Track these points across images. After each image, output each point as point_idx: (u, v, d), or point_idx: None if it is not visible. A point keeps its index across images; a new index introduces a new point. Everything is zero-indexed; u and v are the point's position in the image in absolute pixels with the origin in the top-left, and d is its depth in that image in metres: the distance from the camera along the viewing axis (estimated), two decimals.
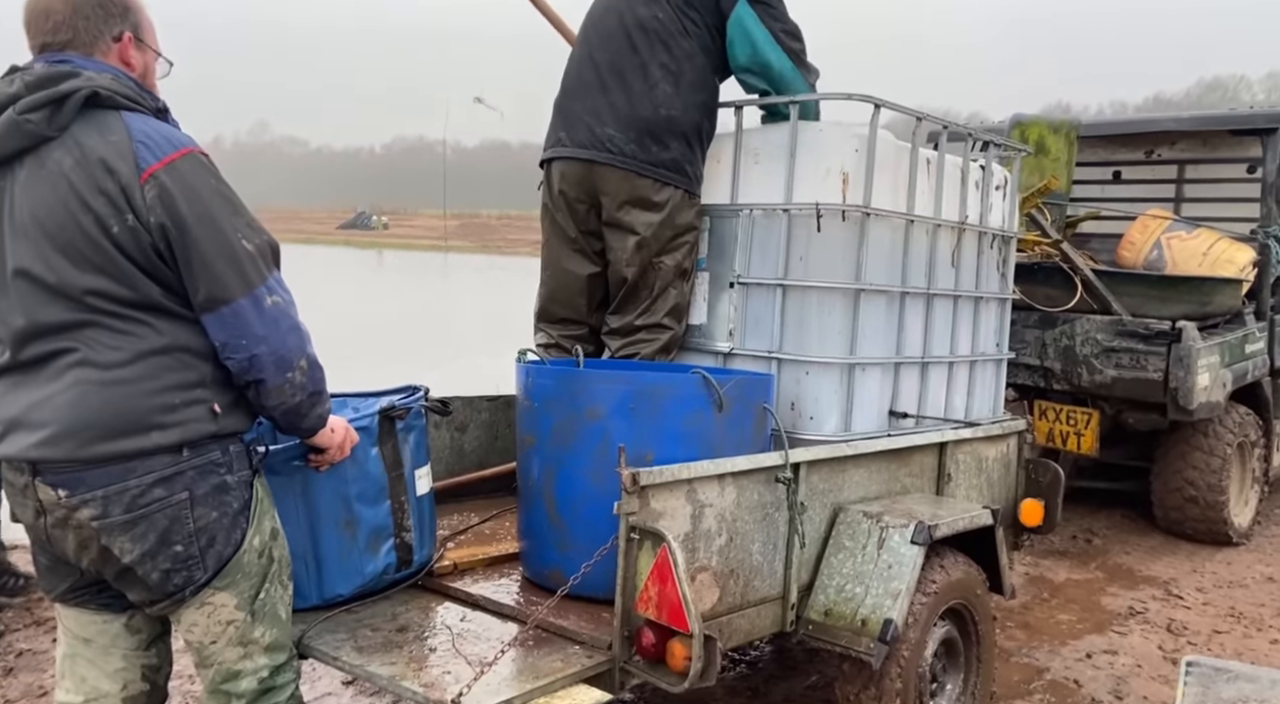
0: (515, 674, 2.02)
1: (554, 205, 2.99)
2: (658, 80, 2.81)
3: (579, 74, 2.94)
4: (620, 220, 2.87)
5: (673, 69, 2.83)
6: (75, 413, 1.64)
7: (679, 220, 2.87)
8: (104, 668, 1.86)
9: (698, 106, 2.87)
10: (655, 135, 2.81)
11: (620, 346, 2.97)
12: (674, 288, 2.93)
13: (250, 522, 1.81)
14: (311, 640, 2.15)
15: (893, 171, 2.85)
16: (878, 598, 2.42)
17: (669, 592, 2.00)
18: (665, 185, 2.84)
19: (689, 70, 2.85)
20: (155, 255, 1.67)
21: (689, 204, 2.89)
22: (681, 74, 2.84)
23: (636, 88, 2.82)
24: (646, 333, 2.94)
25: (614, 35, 2.88)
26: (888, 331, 2.92)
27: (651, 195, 2.83)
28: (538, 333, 3.15)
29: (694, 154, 2.89)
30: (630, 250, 2.87)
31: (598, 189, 2.88)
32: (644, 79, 2.82)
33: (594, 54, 2.91)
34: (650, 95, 2.81)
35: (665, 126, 2.81)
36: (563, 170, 2.93)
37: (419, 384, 2.59)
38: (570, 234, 2.98)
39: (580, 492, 2.33)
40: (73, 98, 1.64)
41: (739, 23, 2.86)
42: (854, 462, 2.67)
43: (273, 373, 1.74)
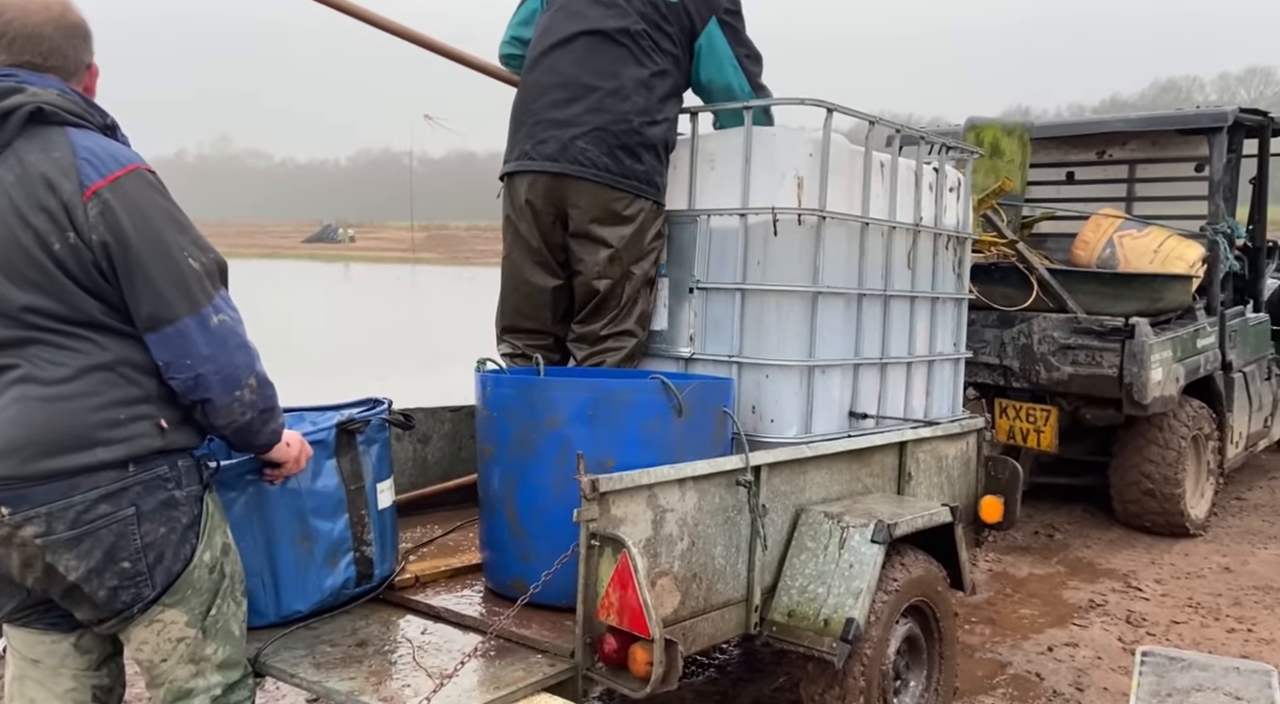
0: (476, 685, 2.00)
1: (517, 216, 2.96)
2: (630, 93, 2.81)
3: (540, 83, 2.92)
4: (591, 233, 2.86)
5: (646, 82, 2.83)
6: (17, 430, 1.61)
7: (650, 231, 2.89)
8: (53, 689, 1.83)
9: (668, 120, 2.90)
10: (629, 148, 2.81)
11: (587, 355, 2.96)
12: (641, 296, 2.94)
13: (200, 537, 1.78)
14: (268, 658, 2.12)
15: (847, 175, 2.88)
16: (840, 597, 2.43)
17: (630, 597, 2.00)
18: (638, 198, 2.84)
19: (660, 84, 2.86)
20: (97, 273, 1.64)
21: (657, 214, 2.92)
22: (654, 87, 2.85)
23: (609, 100, 2.81)
24: (613, 341, 2.94)
25: (578, 46, 2.87)
26: (846, 333, 2.94)
27: (623, 209, 2.83)
28: (501, 343, 3.13)
29: (662, 166, 2.92)
30: (603, 263, 2.87)
31: (567, 201, 2.87)
32: (617, 91, 2.81)
33: (557, 64, 2.90)
34: (624, 108, 2.80)
35: (639, 140, 2.82)
36: (530, 182, 2.90)
37: (381, 397, 2.57)
38: (534, 245, 2.97)
39: (541, 500, 2.32)
40: (16, 114, 1.61)
41: (709, 41, 2.90)
42: (815, 463, 2.69)
43: (220, 392, 1.72)
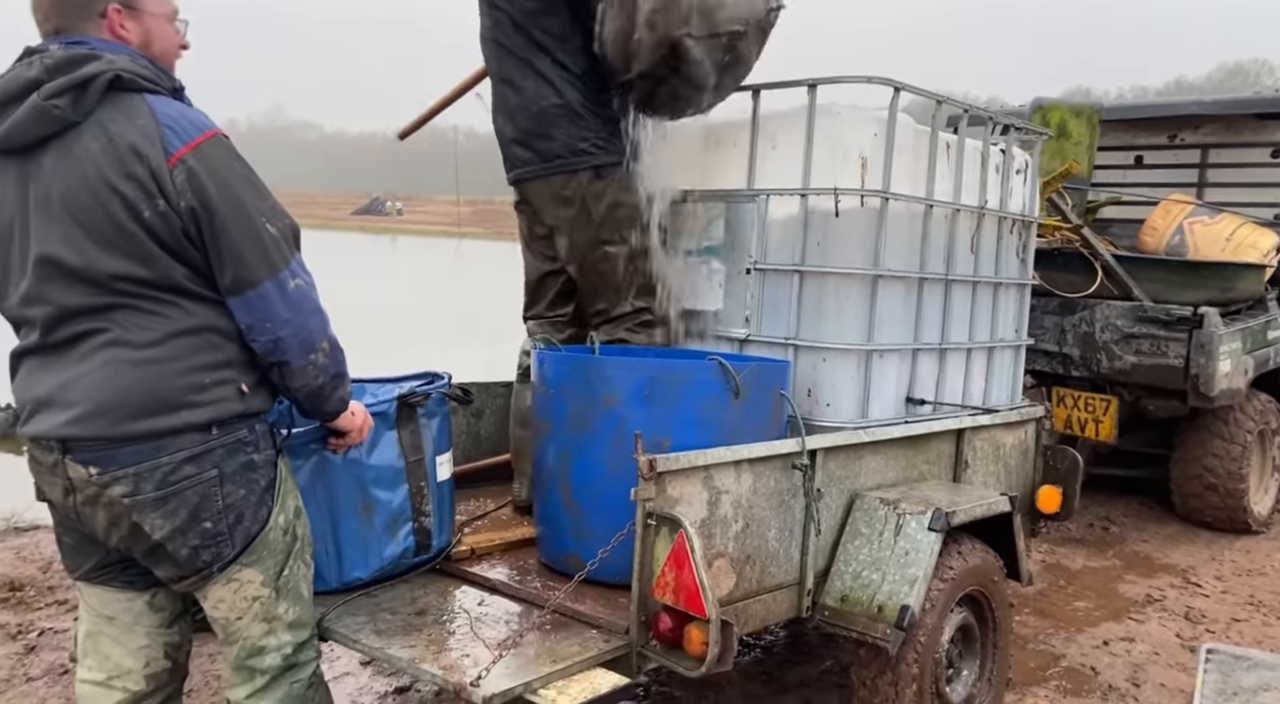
0: (533, 657, 2.03)
1: (517, 210, 3.03)
2: (530, 76, 2.74)
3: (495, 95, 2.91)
4: (550, 224, 2.88)
5: (543, 60, 2.73)
6: (107, 392, 1.65)
7: (598, 205, 2.77)
8: (127, 645, 1.89)
9: (572, 81, 2.72)
10: (537, 132, 2.75)
11: (605, 339, 2.94)
12: (634, 270, 2.86)
13: (275, 499, 1.83)
14: (331, 623, 2.17)
15: (912, 156, 2.83)
16: (894, 585, 2.41)
17: (686, 577, 2.01)
18: (570, 174, 2.75)
19: (558, 51, 2.73)
20: (185, 239, 1.67)
21: (601, 183, 2.75)
22: (551, 56, 2.73)
23: (517, 92, 2.77)
24: (627, 321, 2.91)
25: (494, 48, 2.83)
26: (905, 318, 2.90)
27: (560, 190, 2.78)
28: (526, 323, 3.15)
29: (584, 129, 2.72)
30: (565, 250, 2.87)
31: (530, 203, 2.91)
32: (522, 79, 2.75)
33: (492, 73, 2.88)
34: (526, 96, 2.74)
35: (543, 119, 2.73)
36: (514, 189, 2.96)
37: (441, 371, 2.60)
38: (528, 238, 3.04)
39: (597, 478, 2.33)
40: (96, 82, 1.63)
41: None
42: (871, 448, 2.67)
43: (296, 355, 1.76)
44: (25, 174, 1.67)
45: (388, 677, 3.22)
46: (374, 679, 3.21)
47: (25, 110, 1.63)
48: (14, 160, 1.67)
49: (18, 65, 1.68)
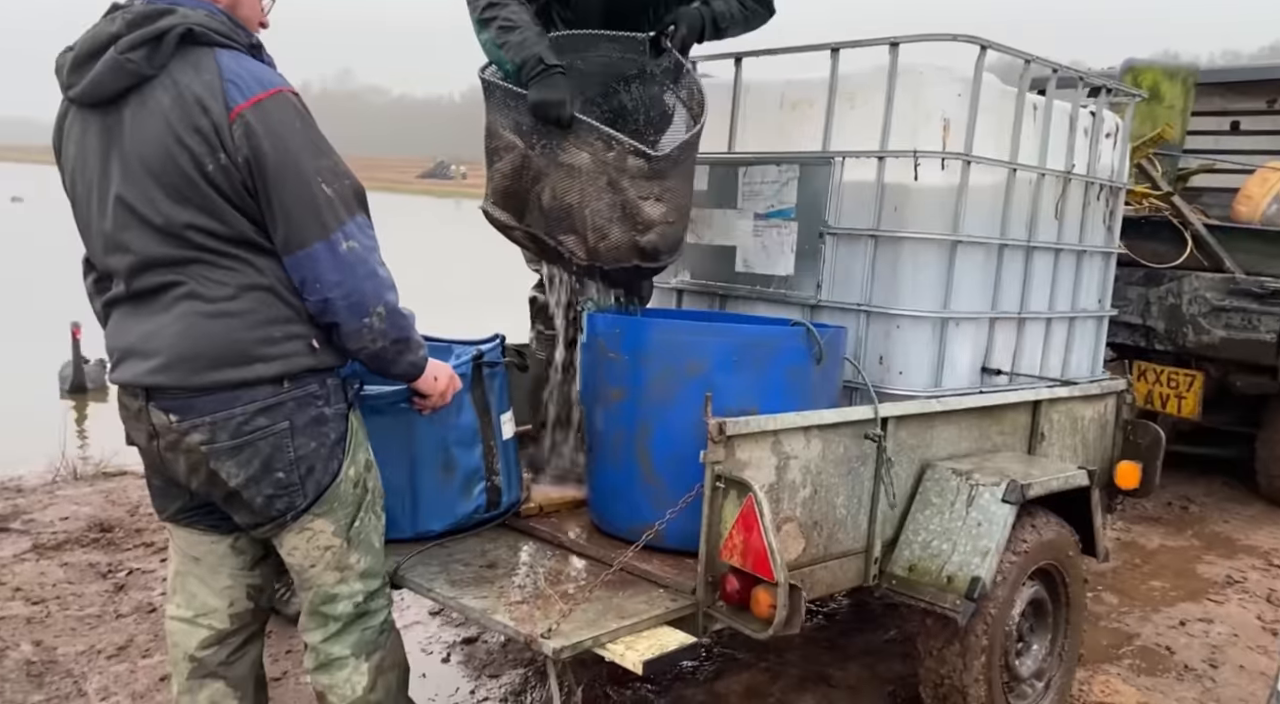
0: (601, 613, 2.06)
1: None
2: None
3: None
4: None
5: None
6: (185, 343, 1.70)
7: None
8: (212, 585, 1.96)
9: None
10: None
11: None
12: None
13: (346, 453, 1.87)
14: (406, 572, 2.23)
15: (996, 117, 2.73)
16: (965, 555, 2.38)
17: (754, 540, 2.01)
18: None
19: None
20: (246, 193, 1.69)
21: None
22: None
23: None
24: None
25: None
26: (984, 285, 2.83)
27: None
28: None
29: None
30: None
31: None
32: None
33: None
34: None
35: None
36: None
37: (498, 332, 2.63)
38: None
39: (680, 447, 2.27)
40: (169, 35, 1.65)
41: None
42: (943, 418, 2.62)
43: (347, 318, 1.75)
44: (107, 127, 1.71)
45: (455, 627, 3.30)
46: (442, 629, 3.30)
47: (104, 64, 1.66)
48: (97, 114, 1.72)
49: (102, 20, 1.71)
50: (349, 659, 1.92)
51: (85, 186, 1.76)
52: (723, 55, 3.10)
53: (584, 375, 2.69)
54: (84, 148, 1.74)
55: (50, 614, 3.24)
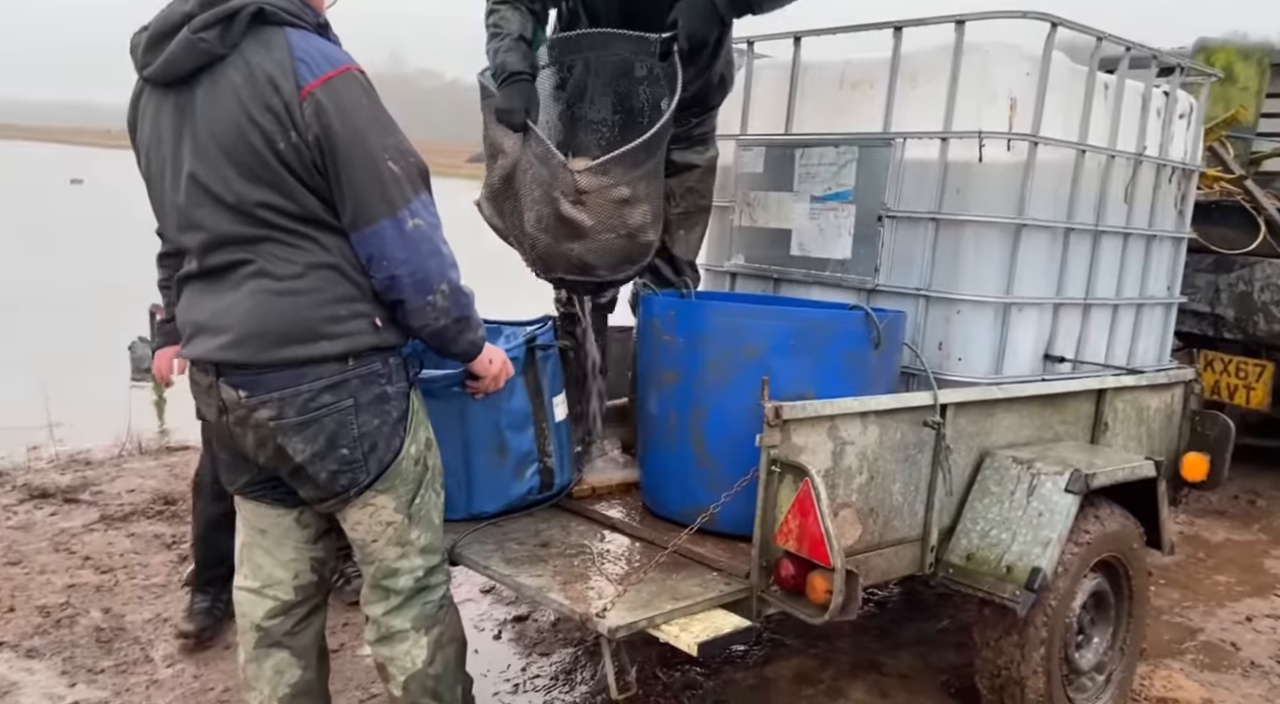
0: (655, 595, 2.06)
1: None
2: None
3: None
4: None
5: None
6: (254, 320, 1.72)
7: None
8: (277, 557, 2.00)
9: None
10: None
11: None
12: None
13: (407, 430, 1.89)
14: (462, 550, 2.26)
15: (1065, 97, 2.65)
16: (1025, 545, 2.33)
17: (811, 525, 1.99)
18: None
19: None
20: (315, 171, 1.71)
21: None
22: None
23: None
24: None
25: None
26: (1049, 270, 2.76)
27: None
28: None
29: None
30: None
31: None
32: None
33: None
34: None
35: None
36: None
37: (547, 314, 2.63)
38: None
39: (735, 430, 2.26)
40: (241, 14, 1.67)
41: None
42: (1004, 405, 2.56)
43: (412, 294, 1.77)
44: (180, 107, 1.74)
45: (506, 605, 3.34)
46: (493, 607, 3.34)
47: (177, 43, 1.68)
48: (171, 93, 1.74)
49: (176, 0, 1.74)
50: (409, 632, 1.95)
51: (159, 165, 1.79)
52: (781, 35, 3.05)
53: (638, 358, 2.68)
54: (158, 126, 1.77)
55: (118, 582, 3.34)
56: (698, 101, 2.70)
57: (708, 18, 2.47)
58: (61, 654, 2.86)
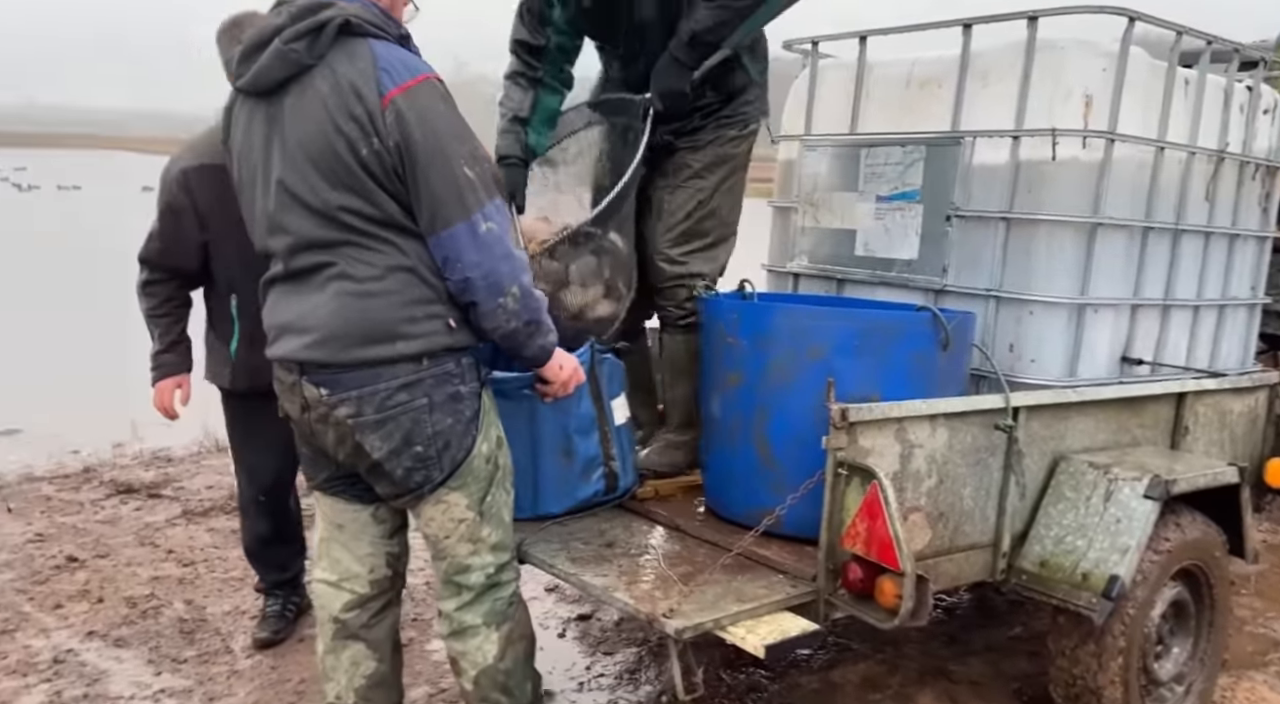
0: (721, 596, 2.06)
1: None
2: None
3: None
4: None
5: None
6: (336, 320, 1.78)
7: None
8: (354, 551, 2.06)
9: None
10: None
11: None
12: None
13: (479, 429, 1.93)
14: (529, 548, 2.30)
15: (1143, 93, 2.58)
16: (1102, 552, 2.28)
17: (879, 529, 1.97)
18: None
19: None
20: (395, 177, 1.76)
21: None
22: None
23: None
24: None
25: None
26: (1126, 270, 2.69)
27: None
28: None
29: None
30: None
31: None
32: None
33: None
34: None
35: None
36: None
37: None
38: None
39: (799, 432, 2.26)
40: (328, 26, 1.74)
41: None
42: (1079, 409, 2.50)
43: (485, 297, 1.81)
44: (270, 116, 1.81)
45: (570, 604, 3.38)
46: (557, 605, 3.37)
47: (269, 54, 1.76)
48: (263, 102, 1.82)
49: (269, 14, 1.82)
50: (480, 628, 1.99)
51: (250, 171, 1.86)
52: (847, 35, 3.03)
53: (702, 360, 2.69)
54: (249, 135, 1.85)
55: (199, 575, 3.47)
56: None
57: (675, 73, 2.51)
58: (147, 644, 2.98)
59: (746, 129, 2.72)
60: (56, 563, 3.53)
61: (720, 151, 2.68)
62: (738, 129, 2.69)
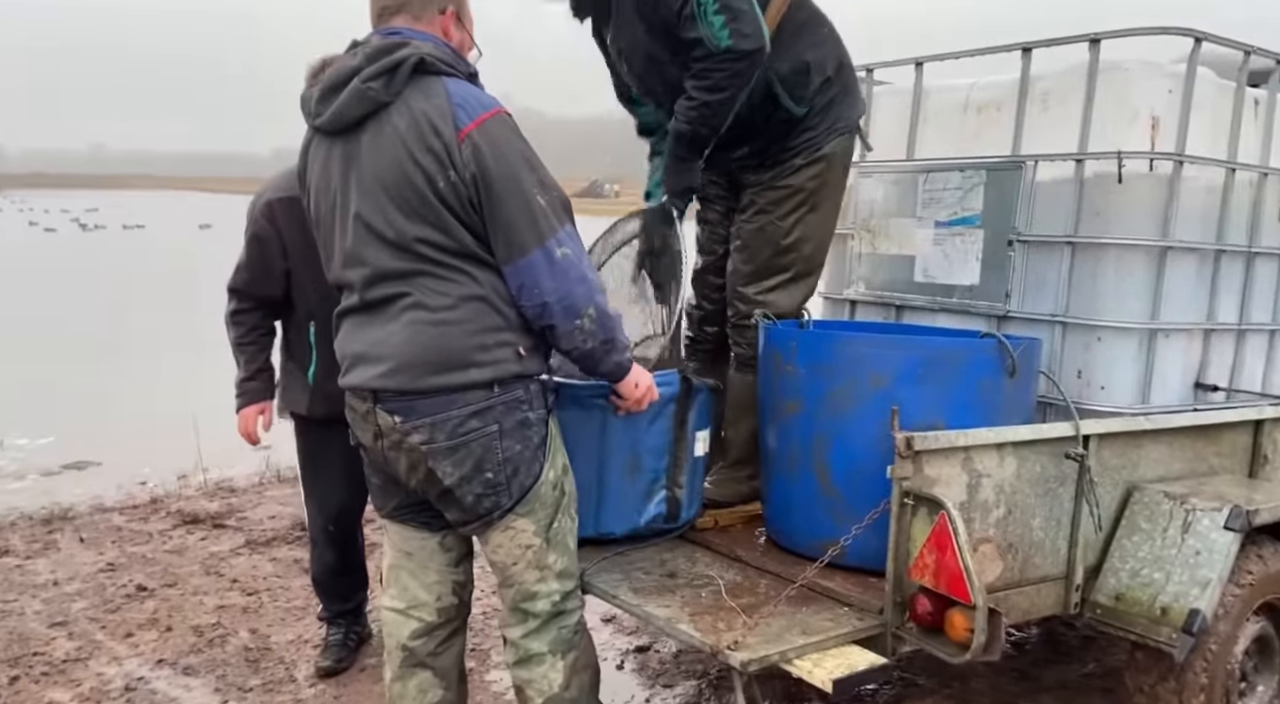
0: (786, 628, 2.03)
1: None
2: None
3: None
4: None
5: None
6: (410, 349, 1.82)
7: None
8: (422, 579, 2.08)
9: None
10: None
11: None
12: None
13: (546, 456, 1.94)
14: (590, 578, 2.28)
15: (1212, 114, 2.54)
16: (1181, 586, 2.20)
17: (949, 561, 1.93)
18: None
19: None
20: (471, 208, 1.81)
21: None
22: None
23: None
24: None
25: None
26: (1197, 295, 2.62)
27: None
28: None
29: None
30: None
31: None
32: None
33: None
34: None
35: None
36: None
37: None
38: None
39: (861, 462, 2.23)
40: (404, 65, 1.80)
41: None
42: (1152, 437, 2.43)
43: (562, 320, 1.84)
44: (348, 153, 1.86)
45: (627, 635, 3.35)
46: (614, 636, 3.35)
47: (348, 93, 1.82)
48: (340, 140, 1.87)
49: (344, 55, 1.88)
50: (546, 655, 1.99)
51: (328, 207, 1.92)
52: (903, 61, 3.03)
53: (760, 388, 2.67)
54: (327, 172, 1.91)
55: (263, 605, 3.52)
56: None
57: (679, 170, 2.50)
58: (214, 672, 3.02)
59: (816, 154, 2.58)
60: (127, 592, 3.61)
61: (789, 183, 2.59)
62: (804, 157, 2.58)
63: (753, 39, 2.27)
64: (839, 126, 2.59)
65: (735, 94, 2.34)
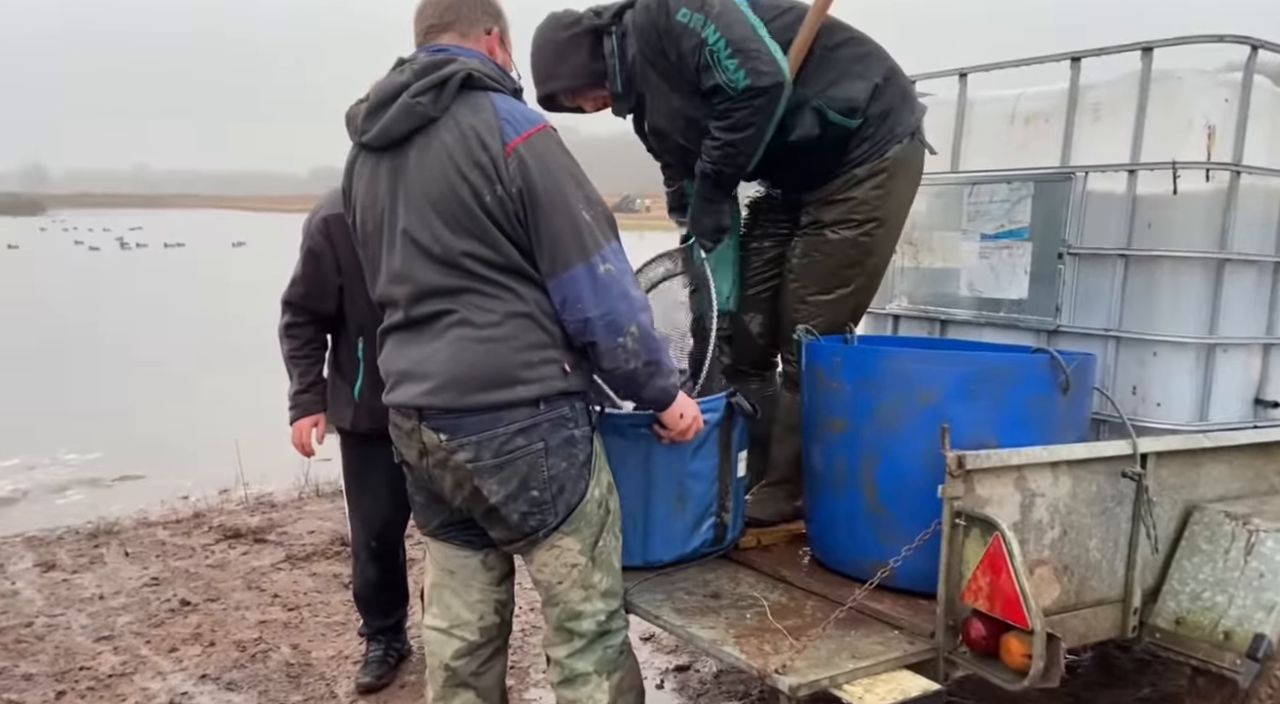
0: (834, 652, 1.99)
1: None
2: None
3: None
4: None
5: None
6: (455, 366, 1.81)
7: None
8: (464, 598, 2.07)
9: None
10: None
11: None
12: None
13: (591, 474, 1.92)
14: (634, 598, 2.26)
15: (1270, 122, 2.47)
16: (1245, 610, 2.12)
17: (1003, 583, 1.88)
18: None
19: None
20: (517, 222, 1.80)
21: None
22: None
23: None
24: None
25: None
26: (1257, 308, 2.55)
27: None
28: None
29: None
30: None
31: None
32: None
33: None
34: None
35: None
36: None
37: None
38: None
39: (909, 479, 2.19)
40: (452, 80, 1.80)
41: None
42: (1212, 455, 2.35)
43: (604, 337, 1.82)
44: (395, 168, 1.86)
45: (666, 655, 3.31)
46: (654, 655, 3.32)
47: (395, 109, 1.82)
48: (388, 155, 1.87)
49: (391, 72, 1.89)
50: (591, 675, 1.97)
51: (375, 224, 1.92)
52: (947, 72, 2.99)
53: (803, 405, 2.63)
54: (374, 188, 1.91)
55: (304, 620, 3.53)
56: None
57: (706, 211, 2.54)
58: (257, 688, 3.03)
59: (879, 163, 2.49)
60: (171, 606, 3.65)
61: (851, 195, 2.52)
62: (866, 168, 2.49)
63: (770, 75, 2.28)
64: (898, 131, 2.51)
65: (758, 132, 2.35)
